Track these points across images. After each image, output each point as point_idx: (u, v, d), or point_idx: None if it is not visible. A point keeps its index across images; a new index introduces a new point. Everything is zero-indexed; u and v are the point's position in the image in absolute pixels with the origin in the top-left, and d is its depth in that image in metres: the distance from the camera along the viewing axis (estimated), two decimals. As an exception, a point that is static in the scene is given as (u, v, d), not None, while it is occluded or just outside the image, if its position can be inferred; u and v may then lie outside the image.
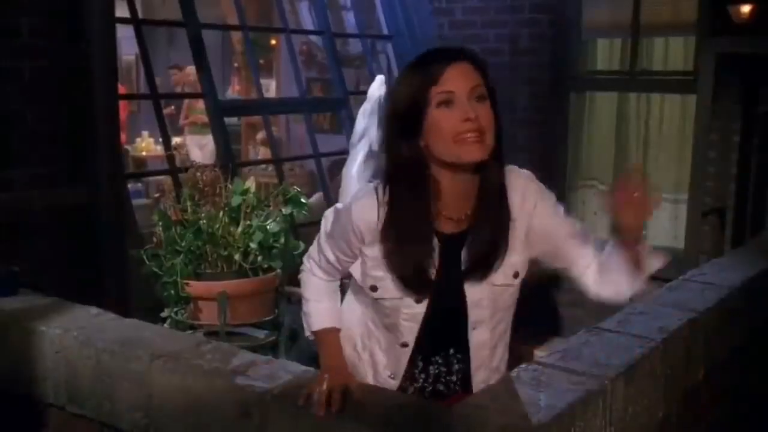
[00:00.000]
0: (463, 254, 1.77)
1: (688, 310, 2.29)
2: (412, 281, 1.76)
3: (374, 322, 1.91)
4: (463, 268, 1.77)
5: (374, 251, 1.78)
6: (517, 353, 2.11)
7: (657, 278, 1.92)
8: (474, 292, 1.80)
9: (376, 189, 1.76)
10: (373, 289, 1.81)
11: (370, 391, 1.80)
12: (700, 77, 4.73)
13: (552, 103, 5.42)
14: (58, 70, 3.34)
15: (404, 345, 1.86)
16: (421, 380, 1.93)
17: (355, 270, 1.86)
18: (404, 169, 1.70)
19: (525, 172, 1.84)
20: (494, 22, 5.55)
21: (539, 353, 1.97)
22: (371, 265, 1.80)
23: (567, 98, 5.47)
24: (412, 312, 1.81)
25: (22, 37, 3.22)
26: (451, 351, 1.90)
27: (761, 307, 2.86)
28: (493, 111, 1.68)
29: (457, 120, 1.62)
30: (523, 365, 1.86)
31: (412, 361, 1.90)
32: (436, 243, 1.75)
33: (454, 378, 1.92)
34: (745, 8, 4.43)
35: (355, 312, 1.96)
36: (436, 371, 1.92)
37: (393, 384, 1.91)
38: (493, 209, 1.74)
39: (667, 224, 5.31)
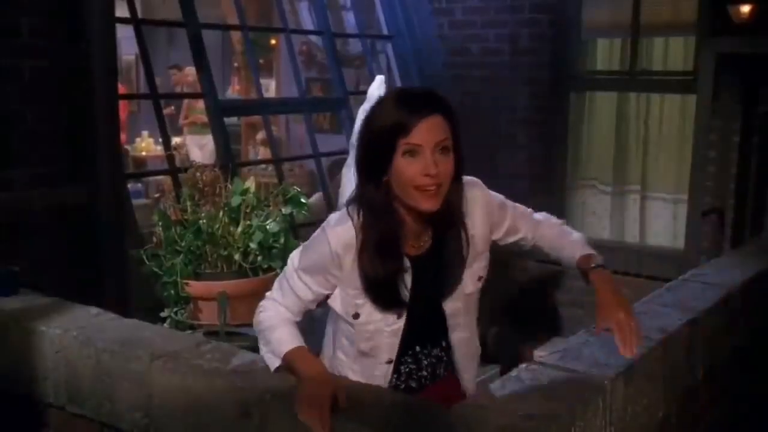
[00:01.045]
0: (435, 275, 1.92)
1: (687, 310, 2.29)
2: (388, 300, 1.88)
3: (345, 352, 1.98)
4: (438, 285, 1.93)
5: (353, 278, 1.87)
6: (517, 353, 2.12)
7: (657, 278, 1.93)
8: (450, 306, 1.97)
9: (349, 215, 1.87)
10: (356, 316, 1.90)
11: (364, 389, 1.80)
12: (700, 77, 4.73)
13: (552, 102, 5.42)
14: (58, 69, 3.34)
15: (389, 362, 1.96)
16: (394, 380, 1.99)
17: (335, 303, 1.92)
18: (370, 204, 1.84)
19: (475, 181, 1.97)
20: (494, 22, 5.55)
21: (539, 353, 1.96)
22: (353, 294, 1.88)
23: (567, 98, 5.47)
24: (393, 329, 1.92)
25: (22, 36, 3.22)
26: (417, 349, 1.99)
27: (761, 307, 2.86)
28: (455, 158, 1.80)
29: (418, 172, 1.74)
30: (523, 365, 1.86)
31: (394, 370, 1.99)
32: (406, 262, 1.88)
33: (424, 373, 2.01)
34: (745, 8, 4.42)
35: (327, 346, 2.05)
36: (407, 370, 2.00)
37: None
38: (453, 230, 1.90)
39: (666, 224, 5.31)
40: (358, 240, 1.84)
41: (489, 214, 1.98)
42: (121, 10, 4.03)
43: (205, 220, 2.90)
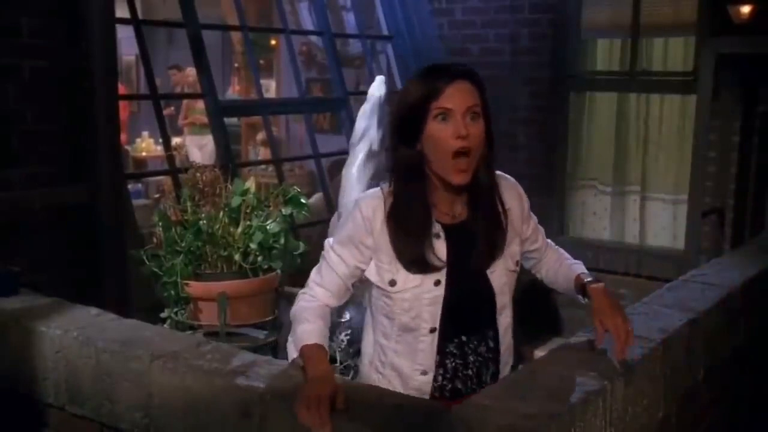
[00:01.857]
0: (477, 243, 1.92)
1: (688, 310, 2.29)
2: (420, 264, 1.88)
3: (385, 334, 1.97)
4: (474, 256, 1.92)
5: (385, 244, 1.89)
6: (518, 353, 2.12)
7: (657, 278, 1.95)
8: (497, 279, 1.96)
9: (380, 187, 1.94)
10: (392, 283, 1.90)
11: (363, 390, 1.80)
12: (700, 77, 4.73)
13: (552, 102, 5.43)
14: (59, 69, 3.34)
15: (432, 330, 1.92)
16: (440, 378, 1.96)
17: (371, 274, 1.93)
18: (404, 169, 1.89)
19: (513, 179, 2.06)
20: (494, 22, 5.55)
21: (539, 353, 1.97)
22: (386, 260, 1.90)
23: (567, 98, 5.47)
24: (432, 295, 1.90)
25: (23, 36, 3.22)
26: (464, 338, 1.96)
27: (761, 307, 2.86)
28: (485, 126, 1.88)
29: (451, 135, 1.81)
30: (523, 365, 1.86)
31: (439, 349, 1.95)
32: (439, 228, 1.90)
33: (469, 372, 1.97)
34: (745, 8, 4.43)
35: (367, 337, 2.05)
36: (453, 364, 1.96)
37: (427, 380, 1.95)
38: (486, 205, 1.94)
39: (666, 224, 5.31)
40: (386, 204, 1.89)
41: (522, 202, 2.04)
42: (121, 11, 4.03)
43: (205, 221, 2.89)
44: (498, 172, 1.98)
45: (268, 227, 2.97)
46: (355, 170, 3.52)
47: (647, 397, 1.97)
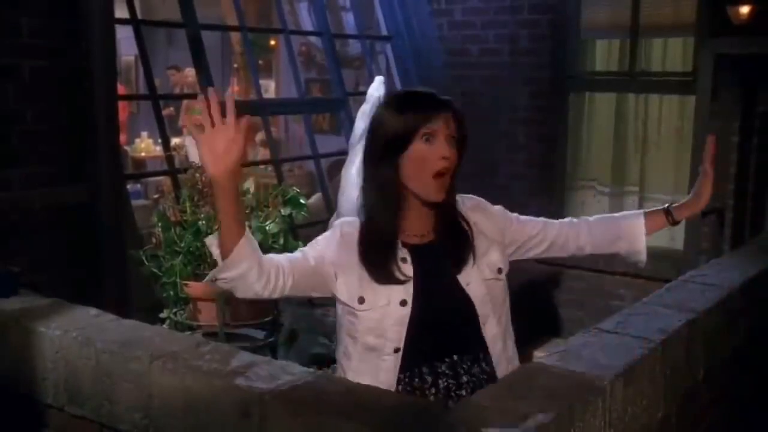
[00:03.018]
0: (445, 251, 1.99)
1: (687, 310, 2.29)
2: (388, 274, 1.93)
3: (347, 355, 2.00)
4: (449, 264, 1.99)
5: (356, 263, 1.95)
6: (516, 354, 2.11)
7: (656, 279, 1.95)
8: (474, 289, 1.97)
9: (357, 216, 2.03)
10: (361, 300, 1.93)
11: (362, 390, 1.80)
12: (699, 78, 4.73)
13: (551, 103, 5.43)
14: (58, 69, 3.34)
15: (396, 350, 1.93)
16: (431, 396, 1.94)
17: (341, 292, 1.96)
18: (380, 188, 1.96)
19: (476, 198, 2.12)
20: (493, 23, 5.56)
21: (539, 354, 1.97)
22: (356, 277, 1.95)
23: (566, 98, 5.48)
24: (399, 315, 1.92)
25: (22, 36, 3.22)
26: (455, 358, 1.95)
27: (761, 307, 2.86)
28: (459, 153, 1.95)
29: (436, 155, 1.89)
30: (522, 365, 1.86)
31: (407, 369, 1.94)
32: (406, 252, 1.96)
33: (463, 392, 1.94)
34: (744, 9, 4.43)
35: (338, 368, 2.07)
36: (445, 384, 1.94)
37: None
38: (450, 222, 2.01)
39: (666, 225, 5.31)
40: (360, 229, 1.98)
41: (492, 217, 2.10)
42: (121, 11, 4.03)
43: (204, 221, 2.90)
44: (460, 195, 2.06)
45: (267, 228, 2.97)
46: (354, 171, 3.51)
47: (647, 397, 1.97)
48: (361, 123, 3.59)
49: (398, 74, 5.75)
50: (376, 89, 3.61)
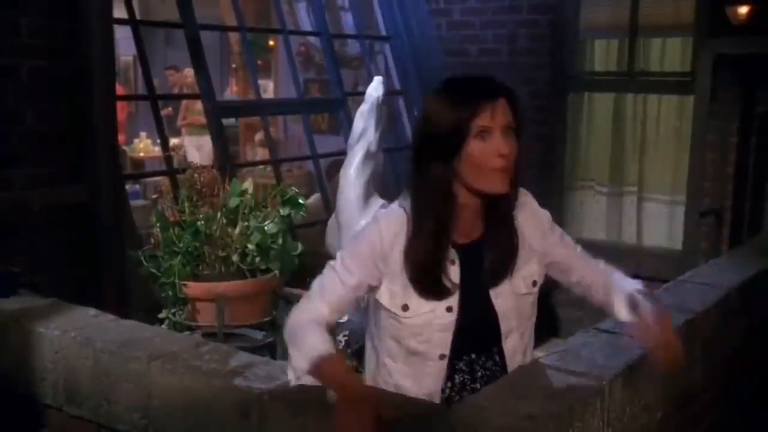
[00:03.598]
0: (485, 261, 1.87)
1: (686, 310, 2.30)
2: (436, 290, 1.83)
3: (391, 355, 1.90)
4: (485, 275, 1.88)
5: (400, 268, 1.84)
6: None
7: (655, 279, 1.94)
8: (501, 304, 1.89)
9: (403, 207, 1.87)
10: (405, 308, 1.84)
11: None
12: (698, 78, 4.74)
13: (550, 103, 5.43)
14: (58, 70, 3.34)
15: (442, 357, 1.87)
16: (448, 390, 1.92)
17: (383, 297, 1.87)
18: (432, 188, 1.82)
19: (526, 191, 1.99)
20: (492, 23, 5.56)
21: (538, 354, 1.97)
22: (400, 284, 1.84)
23: (565, 98, 5.48)
24: (444, 322, 1.85)
25: (22, 37, 3.22)
26: (473, 356, 1.90)
27: (759, 307, 2.86)
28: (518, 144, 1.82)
29: (493, 153, 1.76)
30: (522, 366, 1.86)
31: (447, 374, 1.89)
32: (454, 254, 1.85)
33: (477, 386, 1.91)
34: (743, 9, 4.43)
35: (370, 355, 1.98)
36: (461, 379, 1.91)
37: None
38: (504, 224, 1.89)
39: (664, 225, 5.32)
40: (408, 228, 1.83)
41: (538, 219, 1.97)
42: (119, 11, 4.03)
43: (203, 222, 2.89)
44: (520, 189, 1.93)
45: (266, 228, 2.97)
46: (353, 171, 3.52)
47: (645, 397, 1.97)
48: (360, 123, 3.59)
49: (397, 74, 5.75)
50: (375, 89, 3.61)
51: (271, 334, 2.99)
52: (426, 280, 1.83)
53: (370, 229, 1.88)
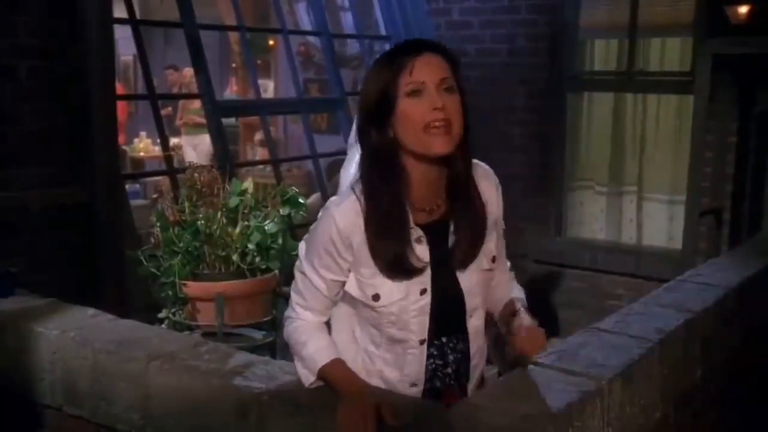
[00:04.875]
0: (451, 241, 1.81)
1: (685, 310, 2.30)
2: (402, 268, 1.75)
3: (374, 342, 1.85)
4: (453, 256, 1.81)
5: (364, 256, 1.76)
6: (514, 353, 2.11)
7: (654, 279, 1.93)
8: (467, 280, 1.83)
9: (353, 189, 1.78)
10: (376, 298, 1.77)
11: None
12: (697, 78, 4.73)
13: (549, 103, 5.43)
14: (57, 70, 3.34)
15: (422, 342, 1.82)
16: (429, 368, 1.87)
17: (351, 288, 1.80)
18: (376, 158, 1.74)
19: (488, 168, 1.90)
20: (491, 23, 5.55)
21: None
22: (367, 274, 1.77)
23: (564, 98, 5.47)
24: (419, 306, 1.79)
25: (20, 37, 3.22)
26: (444, 339, 1.85)
27: (758, 307, 2.86)
28: (461, 104, 1.72)
29: (426, 109, 1.67)
30: (521, 366, 1.86)
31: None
32: (420, 233, 1.77)
33: (449, 370, 1.87)
34: (742, 9, 4.43)
35: (348, 348, 1.89)
36: (432, 365, 1.85)
37: (417, 392, 1.85)
38: (467, 198, 1.80)
39: (663, 225, 5.32)
40: (363, 213, 1.74)
41: (497, 193, 1.89)
42: (119, 11, 4.03)
43: (203, 221, 2.89)
44: (475, 161, 1.84)
45: (265, 227, 2.97)
46: (352, 170, 3.50)
47: (645, 397, 1.97)
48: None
49: (397, 74, 5.75)
50: (375, 89, 3.60)
51: (271, 333, 2.99)
52: (394, 261, 1.75)
53: (325, 224, 1.78)
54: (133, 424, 2.00)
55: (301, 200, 3.15)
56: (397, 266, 1.75)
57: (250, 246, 2.93)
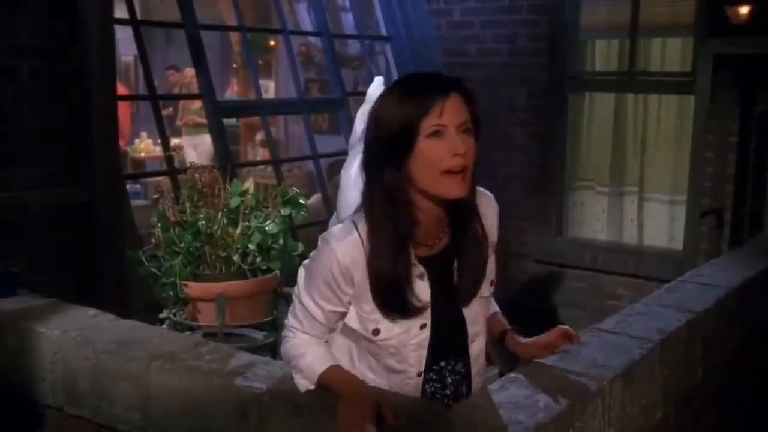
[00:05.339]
0: (455, 279, 1.81)
1: (686, 311, 2.30)
2: (405, 311, 1.75)
3: (372, 369, 1.84)
4: (458, 294, 1.82)
5: (365, 292, 1.75)
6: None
7: (655, 279, 1.93)
8: (471, 312, 1.84)
9: (354, 224, 1.75)
10: (376, 332, 1.77)
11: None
12: (698, 78, 4.73)
13: (550, 103, 5.43)
14: (57, 70, 3.34)
15: (419, 374, 1.82)
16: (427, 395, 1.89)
17: (352, 320, 1.79)
18: (385, 197, 1.71)
19: (489, 193, 1.90)
20: (492, 23, 5.56)
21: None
22: (368, 309, 1.76)
23: (565, 99, 5.47)
24: (419, 340, 1.79)
25: (21, 37, 3.22)
26: (442, 364, 1.86)
27: (759, 307, 2.86)
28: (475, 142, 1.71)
29: (447, 152, 1.65)
30: (521, 366, 1.86)
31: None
32: (422, 269, 1.76)
33: (447, 392, 1.88)
34: (743, 9, 4.43)
35: (344, 363, 1.89)
36: (431, 389, 1.86)
37: None
38: (470, 230, 1.79)
39: (665, 225, 5.32)
40: (365, 249, 1.72)
41: (494, 215, 1.89)
42: (120, 11, 4.03)
43: (203, 222, 2.89)
44: (478, 189, 1.82)
45: (266, 228, 2.96)
46: (353, 171, 3.50)
47: (645, 397, 1.97)
48: (361, 123, 3.58)
49: (397, 74, 5.74)
50: (376, 89, 3.60)
51: (272, 334, 2.99)
52: (394, 302, 1.74)
53: (325, 258, 1.75)
54: (133, 424, 2.00)
55: (301, 201, 3.15)
56: (397, 309, 1.75)
57: (251, 246, 2.93)
